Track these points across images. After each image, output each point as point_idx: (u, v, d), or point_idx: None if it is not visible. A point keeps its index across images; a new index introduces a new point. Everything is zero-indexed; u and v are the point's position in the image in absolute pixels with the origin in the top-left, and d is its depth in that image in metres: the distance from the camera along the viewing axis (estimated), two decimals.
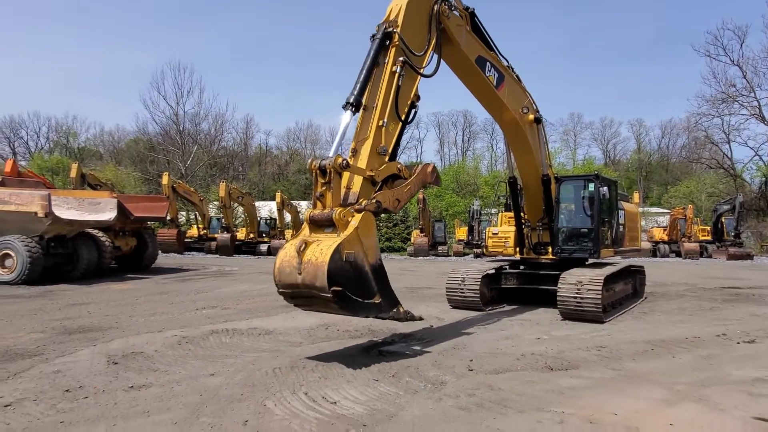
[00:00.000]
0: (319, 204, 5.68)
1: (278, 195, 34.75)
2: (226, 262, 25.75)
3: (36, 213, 13.27)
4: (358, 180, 5.97)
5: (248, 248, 33.79)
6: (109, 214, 15.45)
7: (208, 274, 17.76)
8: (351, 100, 5.97)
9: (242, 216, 37.28)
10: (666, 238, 35.31)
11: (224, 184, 32.19)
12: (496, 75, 8.34)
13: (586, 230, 9.92)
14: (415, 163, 8.09)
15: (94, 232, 16.06)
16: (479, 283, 9.51)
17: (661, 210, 54.39)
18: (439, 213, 44.90)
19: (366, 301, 5.56)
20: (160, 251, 28.73)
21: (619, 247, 10.62)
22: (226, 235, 32.08)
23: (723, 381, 5.18)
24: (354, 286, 5.38)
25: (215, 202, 37.41)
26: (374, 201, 5.84)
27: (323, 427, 3.82)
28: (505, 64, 8.65)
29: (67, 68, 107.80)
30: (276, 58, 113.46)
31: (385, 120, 6.23)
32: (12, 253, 13.29)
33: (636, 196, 32.90)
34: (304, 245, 5.28)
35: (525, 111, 9.06)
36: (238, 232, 34.69)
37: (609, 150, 79.72)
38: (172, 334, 7.04)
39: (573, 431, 3.85)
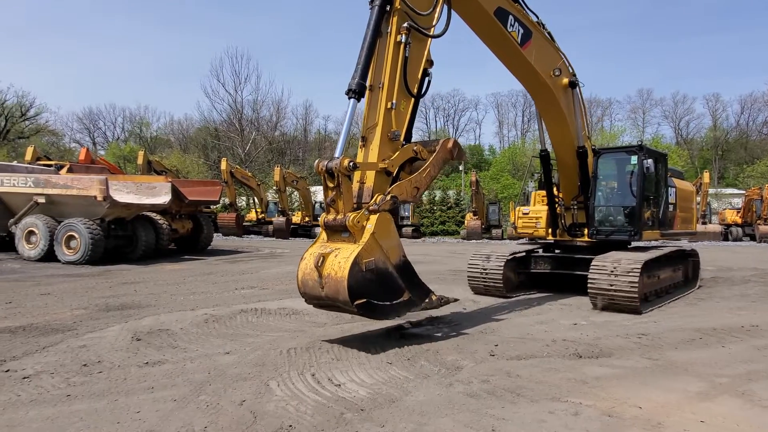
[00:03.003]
0: (332, 209, 5.36)
1: None
2: (281, 244, 26.42)
3: (95, 197, 14.08)
4: (371, 174, 5.59)
5: (303, 231, 34.52)
6: (164, 198, 16.15)
7: (259, 256, 18.26)
8: (353, 86, 5.41)
9: (298, 200, 38.05)
10: (739, 220, 32.71)
11: (279, 168, 32.88)
12: (521, 31, 7.24)
13: (626, 209, 8.90)
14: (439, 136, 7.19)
15: (152, 215, 16.86)
16: (502, 267, 8.76)
17: (737, 191, 50.24)
18: (494, 195, 43.81)
19: (395, 302, 5.40)
20: (221, 234, 30.17)
21: (667, 229, 9.52)
22: (282, 219, 32.87)
23: None
24: (380, 293, 5.21)
25: (273, 187, 38.40)
26: (389, 198, 5.42)
27: (319, 410, 3.72)
28: (534, 19, 7.59)
29: (140, 60, 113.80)
30: (332, 42, 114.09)
31: (394, 100, 5.67)
32: (76, 235, 14.19)
33: (706, 176, 30.38)
34: (322, 259, 5.06)
35: (557, 74, 7.99)
36: (293, 215, 35.49)
37: (681, 128, 74.43)
38: (203, 313, 7.21)
39: (584, 424, 3.52)
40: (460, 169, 55.47)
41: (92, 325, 6.40)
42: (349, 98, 5.43)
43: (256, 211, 35.70)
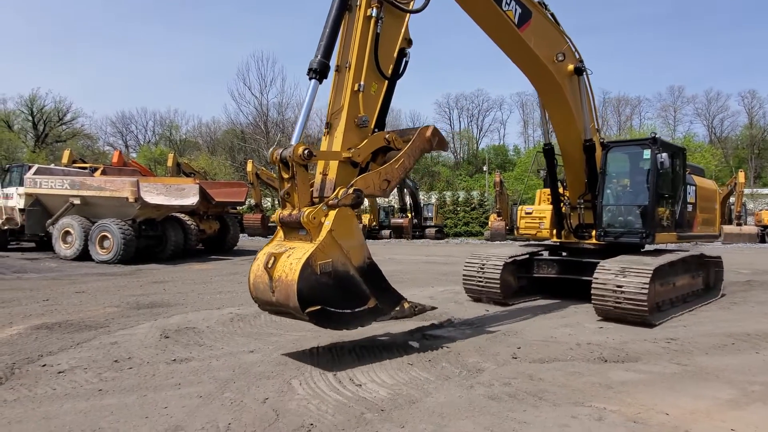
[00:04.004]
0: (288, 204, 4.82)
1: None
2: None
3: (127, 198, 14.50)
4: (334, 165, 5.02)
5: None
6: (192, 199, 16.50)
7: None
8: (314, 66, 4.82)
9: None
10: None
11: None
12: (519, 10, 6.54)
13: (638, 208, 8.02)
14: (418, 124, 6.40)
15: (181, 216, 17.27)
16: (500, 271, 8.01)
17: None
18: (518, 196, 43.31)
19: (357, 309, 4.82)
20: (246, 234, 30.65)
21: (685, 231, 8.61)
22: None
23: None
24: (338, 299, 4.67)
25: None
26: (351, 191, 4.81)
27: (340, 409, 3.76)
28: None
29: (171, 65, 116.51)
30: None
31: (362, 82, 5.07)
32: (109, 235, 14.63)
33: (741, 175, 29.40)
34: (273, 259, 4.53)
35: (560, 59, 7.24)
36: None
37: (715, 126, 72.15)
38: (228, 312, 7.35)
39: (608, 430, 3.47)
40: (484, 169, 55.05)
41: (123, 323, 6.61)
42: (310, 79, 4.86)
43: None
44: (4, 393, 4.07)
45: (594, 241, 8.31)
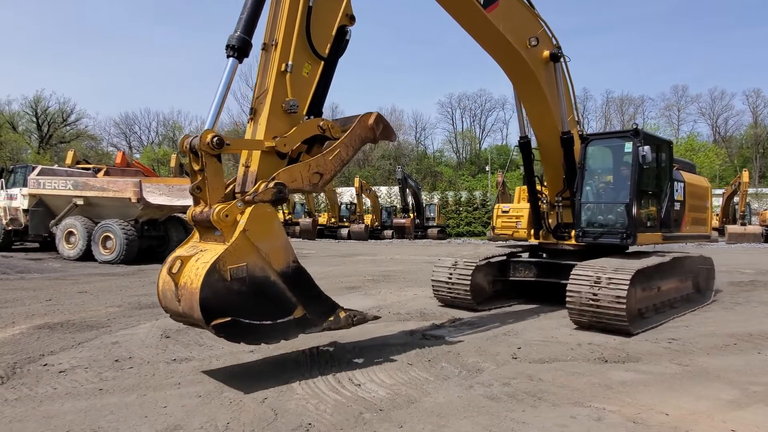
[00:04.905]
0: (200, 200, 4.31)
1: (356, 180, 35.33)
2: (307, 245, 26.72)
3: (130, 198, 14.55)
4: (256, 155, 4.46)
5: (330, 232, 34.92)
6: None
7: None
8: (232, 42, 4.31)
9: (325, 201, 38.44)
10: None
11: None
12: None
13: (618, 206, 7.48)
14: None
15: (183, 216, 17.30)
16: (470, 275, 7.46)
17: None
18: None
19: (281, 320, 4.28)
20: None
21: (671, 231, 8.01)
22: (308, 220, 33.32)
23: None
24: (256, 309, 4.12)
25: None
26: (272, 185, 4.26)
27: (338, 409, 3.76)
28: None
29: (174, 65, 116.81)
30: (359, 42, 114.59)
31: (291, 61, 4.50)
32: (112, 236, 14.69)
33: (746, 175, 29.26)
34: (179, 263, 4.02)
35: (534, 43, 6.75)
36: (320, 216, 35.91)
37: (719, 125, 71.91)
38: None
39: (608, 430, 3.46)
40: (487, 169, 54.96)
41: (125, 323, 6.63)
42: (228, 57, 4.35)
43: (284, 213, 36.23)
44: (6, 392, 4.09)
45: (573, 241, 7.78)
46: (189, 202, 16.93)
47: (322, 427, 3.46)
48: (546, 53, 7.04)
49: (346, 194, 44.77)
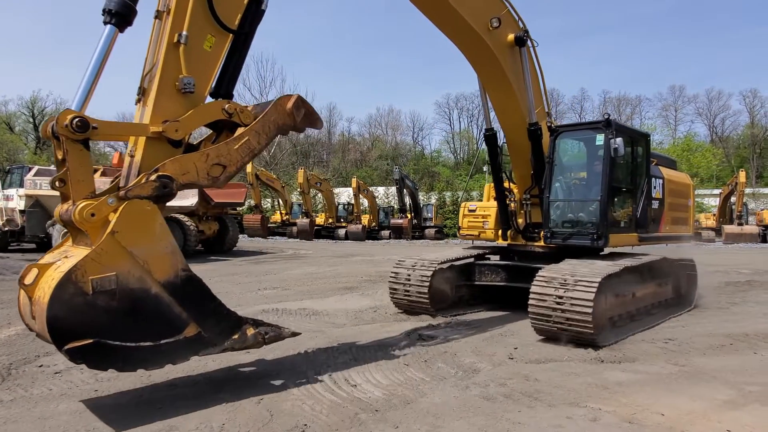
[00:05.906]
0: (66, 195, 3.64)
1: (354, 181, 35.27)
2: (304, 245, 26.69)
3: None
4: (141, 142, 3.79)
5: (327, 233, 34.84)
6: (191, 200, 16.52)
7: (282, 257, 18.49)
8: (110, 6, 3.66)
9: (322, 202, 38.39)
10: None
11: (302, 170, 33.22)
12: None
13: (588, 204, 6.87)
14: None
15: (180, 217, 17.27)
16: (429, 278, 6.88)
17: None
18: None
19: (166, 341, 3.55)
20: (246, 235, 30.69)
21: (648, 231, 7.37)
22: (306, 220, 33.22)
23: None
24: (129, 328, 3.41)
25: (297, 189, 38.89)
26: (154, 177, 3.59)
27: (334, 410, 3.76)
28: None
29: None
30: (356, 44, 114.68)
31: (185, 31, 3.80)
32: None
33: (743, 175, 29.35)
34: (35, 273, 3.39)
35: (495, 25, 6.17)
36: (317, 217, 35.87)
37: (716, 125, 72.13)
38: None
39: (603, 430, 3.47)
40: (484, 170, 54.83)
41: None
42: (105, 23, 3.72)
43: (281, 213, 36.16)
44: (1, 393, 4.08)
45: (543, 243, 7.19)
46: (186, 202, 16.87)
47: (318, 428, 3.46)
48: (510, 36, 6.46)
49: (344, 194, 44.75)
